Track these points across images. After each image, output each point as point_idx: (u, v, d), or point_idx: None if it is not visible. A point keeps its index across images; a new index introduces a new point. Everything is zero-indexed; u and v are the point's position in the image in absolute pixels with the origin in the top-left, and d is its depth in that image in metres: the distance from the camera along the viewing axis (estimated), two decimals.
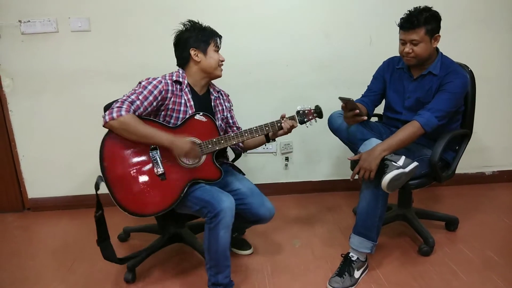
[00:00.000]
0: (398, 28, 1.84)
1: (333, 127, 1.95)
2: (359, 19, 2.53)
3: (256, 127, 1.74)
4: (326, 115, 1.87)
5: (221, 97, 1.90)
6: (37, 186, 2.65)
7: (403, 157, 1.71)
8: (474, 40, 2.60)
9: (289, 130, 1.78)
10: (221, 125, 1.86)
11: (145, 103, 1.62)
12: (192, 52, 1.73)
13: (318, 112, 1.79)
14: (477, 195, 2.69)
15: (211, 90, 1.86)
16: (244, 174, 1.93)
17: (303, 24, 2.52)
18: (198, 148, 1.67)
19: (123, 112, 1.55)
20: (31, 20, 2.36)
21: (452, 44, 2.11)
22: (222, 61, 1.79)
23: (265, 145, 1.99)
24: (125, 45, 2.46)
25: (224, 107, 1.90)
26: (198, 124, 1.72)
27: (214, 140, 1.71)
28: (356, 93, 2.08)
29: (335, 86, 2.62)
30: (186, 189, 1.64)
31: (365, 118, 1.74)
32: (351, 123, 1.80)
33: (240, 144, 1.94)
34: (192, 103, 1.75)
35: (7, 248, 2.22)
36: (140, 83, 1.68)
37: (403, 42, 1.85)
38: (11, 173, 2.61)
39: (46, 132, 2.54)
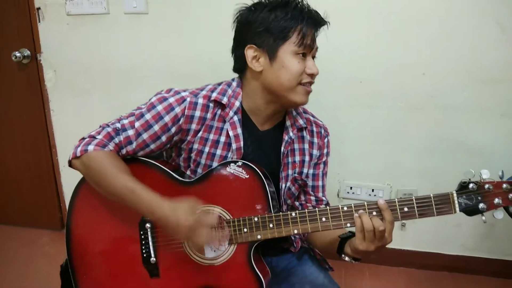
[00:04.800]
0: None
1: None
2: None
3: (345, 207, 0.87)
4: None
5: (305, 138, 1.07)
6: None
7: None
8: None
9: (370, 239, 0.84)
10: (289, 189, 1.05)
11: (143, 136, 0.93)
12: (248, 52, 0.95)
13: None
14: None
15: (288, 124, 1.05)
16: (331, 269, 1.11)
17: (459, 6, 1.55)
18: (224, 231, 0.91)
19: (90, 147, 0.89)
20: None
21: None
22: (312, 75, 0.95)
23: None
24: (193, 34, 1.79)
25: (306, 157, 1.07)
26: (232, 184, 0.93)
27: (256, 219, 0.90)
28: None
29: (502, 113, 1.62)
30: None
31: None
32: None
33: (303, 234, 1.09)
34: (241, 143, 0.97)
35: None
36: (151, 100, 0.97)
37: None
38: (51, 185, 2.16)
39: None
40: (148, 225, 0.95)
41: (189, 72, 1.83)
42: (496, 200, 0.83)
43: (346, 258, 0.92)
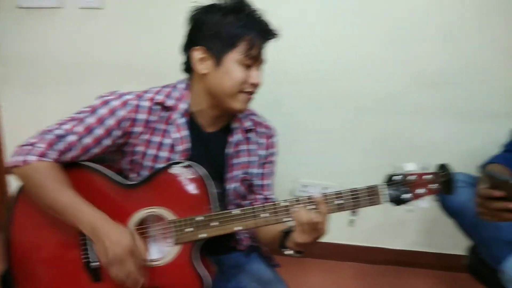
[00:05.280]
0: None
1: (449, 204, 1.10)
2: (498, 15, 1.59)
3: (285, 202, 0.92)
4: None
5: (252, 139, 1.10)
6: None
7: None
8: None
9: (307, 230, 0.88)
10: (237, 189, 1.08)
11: (86, 141, 0.93)
12: (195, 54, 0.97)
13: (444, 182, 0.89)
14: None
15: (234, 125, 1.08)
16: (277, 266, 1.15)
17: (401, 11, 1.64)
18: (170, 232, 0.92)
19: (31, 158, 0.88)
20: None
21: None
22: (254, 85, 0.98)
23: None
24: (151, 30, 1.79)
25: (253, 158, 1.10)
26: (176, 185, 0.94)
27: (200, 218, 0.92)
28: (482, 130, 1.49)
29: (445, 114, 1.72)
30: None
31: None
32: (492, 220, 0.93)
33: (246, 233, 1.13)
34: (186, 145, 0.99)
35: None
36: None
37: None
38: None
39: None
40: None
41: (147, 68, 1.81)
42: (420, 190, 0.89)
43: (288, 252, 0.95)
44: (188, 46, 0.99)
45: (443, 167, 0.90)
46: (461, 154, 1.63)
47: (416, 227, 1.89)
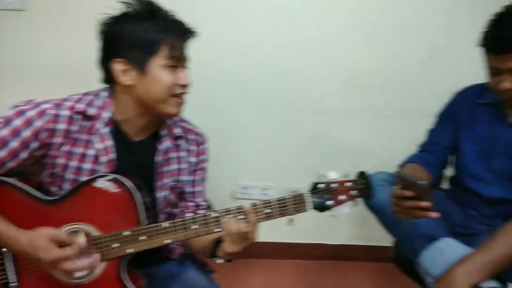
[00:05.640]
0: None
1: (373, 205, 1.17)
2: (418, 20, 1.72)
3: (214, 213, 0.93)
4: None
5: (182, 146, 1.09)
6: None
7: None
8: None
9: (236, 240, 0.90)
10: (167, 198, 1.07)
11: (1, 154, 0.88)
12: (116, 67, 0.94)
13: (364, 190, 0.94)
14: None
15: (163, 132, 1.06)
16: (212, 272, 1.16)
17: (331, 18, 1.72)
18: (93, 251, 0.90)
19: None
20: None
21: None
22: (184, 85, 0.98)
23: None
24: (75, 32, 1.70)
25: (184, 165, 1.09)
26: (101, 199, 0.92)
27: (127, 232, 0.90)
28: (405, 130, 1.58)
29: (372, 115, 1.82)
30: None
31: (437, 215, 0.93)
32: (406, 218, 1.00)
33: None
34: (111, 156, 0.97)
35: None
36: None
37: (495, 72, 1.06)
38: None
39: None
40: (4, 249, 0.90)
41: (72, 72, 1.72)
42: (342, 197, 0.94)
43: (219, 261, 0.97)
44: (106, 60, 0.96)
45: (362, 175, 0.95)
46: (386, 154, 1.72)
47: (350, 222, 1.98)
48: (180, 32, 0.95)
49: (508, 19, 1.02)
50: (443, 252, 1.02)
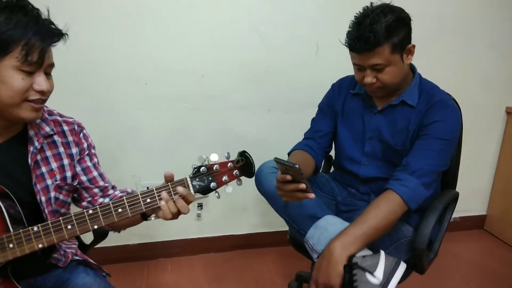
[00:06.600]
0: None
1: (264, 190, 1.24)
2: (305, 17, 1.83)
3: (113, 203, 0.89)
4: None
5: (58, 141, 1.02)
6: None
7: (382, 257, 1.04)
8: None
9: (174, 215, 0.96)
10: (57, 198, 1.01)
11: None
12: None
13: (245, 168, 0.98)
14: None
15: (32, 133, 0.97)
16: (108, 275, 1.13)
17: (228, 18, 1.76)
18: None
19: None
20: None
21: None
22: (41, 91, 0.88)
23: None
24: None
25: (66, 161, 1.02)
26: None
27: None
28: (298, 120, 1.61)
29: (268, 109, 1.92)
30: None
31: (313, 196, 1.02)
32: (290, 200, 1.07)
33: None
34: None
35: None
36: None
37: (359, 68, 1.18)
38: None
39: None
40: None
41: None
42: (224, 178, 0.97)
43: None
44: None
45: (242, 154, 0.99)
46: (283, 143, 1.83)
47: (256, 210, 2.06)
48: (39, 33, 0.84)
49: (366, 21, 1.11)
50: (326, 229, 1.11)
